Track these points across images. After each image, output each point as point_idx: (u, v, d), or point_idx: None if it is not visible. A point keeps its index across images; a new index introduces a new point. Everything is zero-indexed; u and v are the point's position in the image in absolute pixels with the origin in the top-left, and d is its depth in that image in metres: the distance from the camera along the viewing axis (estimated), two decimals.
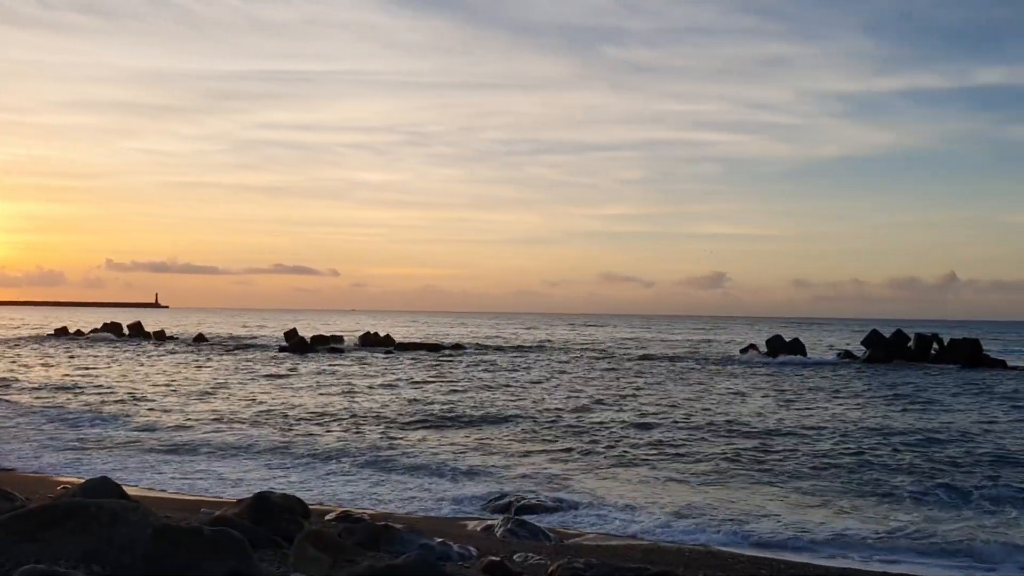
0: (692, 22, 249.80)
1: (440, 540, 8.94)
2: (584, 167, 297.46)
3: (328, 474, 15.97)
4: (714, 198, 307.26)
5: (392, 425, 22.06)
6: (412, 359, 47.93)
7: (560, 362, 48.52)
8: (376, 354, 52.34)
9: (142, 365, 41.93)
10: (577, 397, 29.39)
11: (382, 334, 63.31)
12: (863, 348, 50.13)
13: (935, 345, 47.82)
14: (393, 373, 38.57)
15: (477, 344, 66.00)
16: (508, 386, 32.99)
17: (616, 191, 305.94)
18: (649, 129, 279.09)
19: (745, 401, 28.85)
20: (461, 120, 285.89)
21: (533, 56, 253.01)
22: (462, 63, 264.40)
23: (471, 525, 12.04)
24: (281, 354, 51.85)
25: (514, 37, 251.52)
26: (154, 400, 26.89)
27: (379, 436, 20.32)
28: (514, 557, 9.11)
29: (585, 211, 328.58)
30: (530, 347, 63.90)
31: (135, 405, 25.55)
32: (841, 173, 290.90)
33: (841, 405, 27.83)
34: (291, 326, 67.93)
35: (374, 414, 24.14)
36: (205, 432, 20.66)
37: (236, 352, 53.30)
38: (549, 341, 74.25)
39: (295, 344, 55.63)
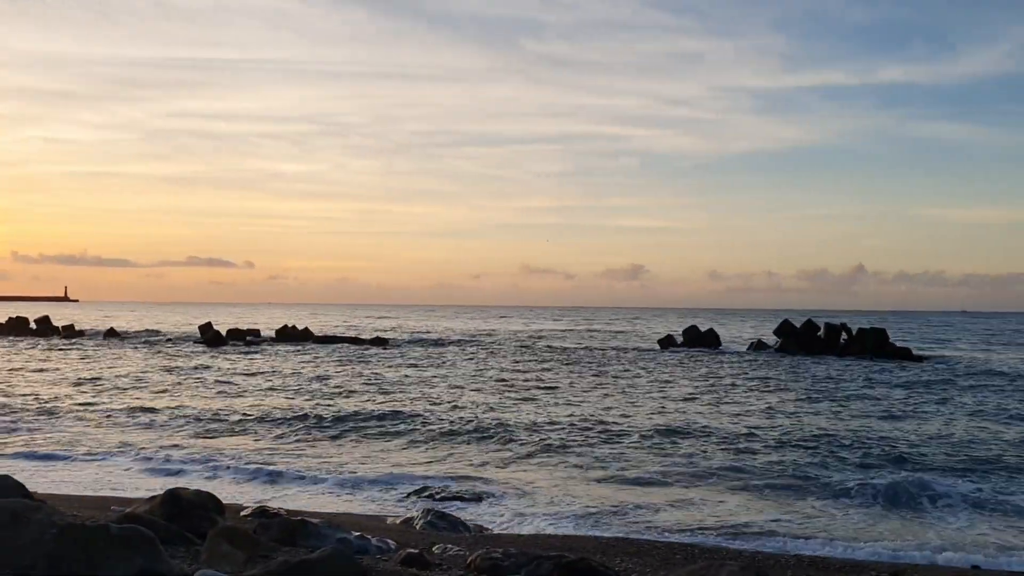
0: (609, 17, 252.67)
1: (358, 534, 8.86)
2: (504, 160, 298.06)
3: (241, 472, 15.68)
4: (632, 191, 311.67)
5: (309, 421, 21.78)
6: (330, 353, 47.35)
7: (480, 356, 48.56)
8: (293, 348, 51.57)
9: (49, 361, 40.48)
10: (498, 391, 29.47)
11: (300, 327, 62.40)
12: (775, 338, 51.46)
13: (844, 335, 49.35)
14: (310, 367, 38.06)
15: (397, 337, 65.62)
16: (427, 380, 32.86)
17: (535, 184, 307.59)
18: (568, 122, 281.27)
19: (664, 392, 29.33)
20: (379, 111, 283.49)
21: (452, 48, 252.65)
22: (380, 53, 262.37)
23: (391, 519, 11.99)
24: (196, 347, 50.70)
25: (433, 28, 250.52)
26: (59, 398, 25.99)
27: (296, 432, 20.04)
28: (433, 549, 9.09)
29: (505, 203, 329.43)
30: (451, 340, 63.80)
31: (37, 402, 24.65)
32: (754, 167, 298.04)
33: (754, 395, 28.53)
34: (206, 320, 66.41)
35: (292, 410, 23.81)
36: (114, 429, 20.08)
37: (149, 347, 51.88)
38: (470, 334, 74.24)
39: (210, 338, 54.46)
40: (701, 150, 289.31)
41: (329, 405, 24.53)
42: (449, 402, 25.65)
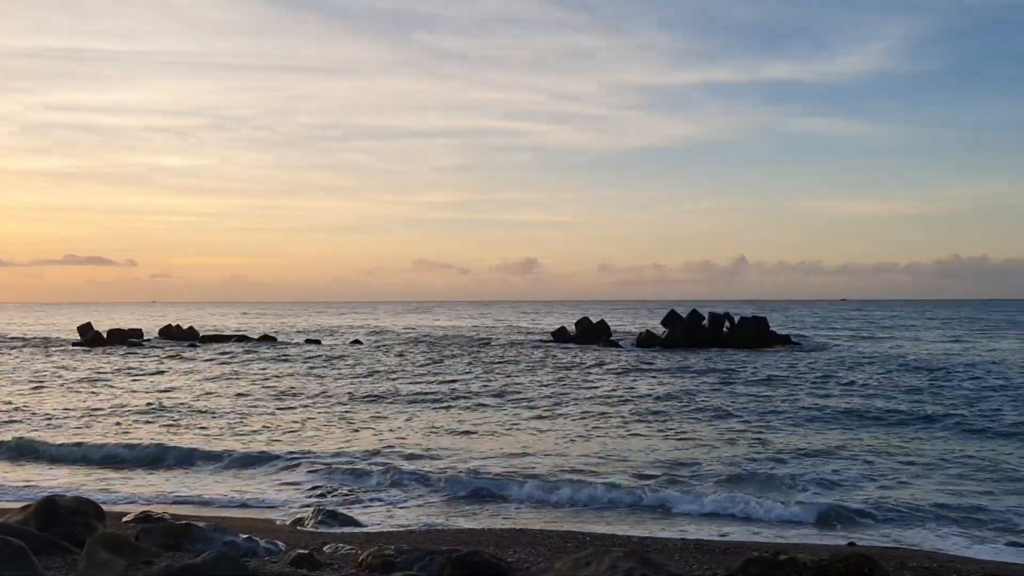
0: (504, 12, 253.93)
1: (246, 536, 8.70)
2: (399, 153, 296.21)
3: (127, 476, 15.17)
4: (526, 186, 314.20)
5: (201, 422, 21.22)
6: (216, 353, 46.08)
7: (373, 351, 48.15)
8: (177, 348, 50.02)
9: None
10: (391, 385, 29.29)
11: (184, 327, 60.53)
12: (663, 328, 52.70)
13: (727, 323, 50.95)
14: (190, 368, 37.01)
15: (286, 335, 64.42)
16: (317, 378, 32.38)
17: (431, 178, 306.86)
18: (463, 117, 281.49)
19: (560, 384, 29.69)
20: (270, 103, 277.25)
21: (345, 40, 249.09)
22: (270, 45, 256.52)
23: (280, 519, 11.81)
24: (74, 349, 48.60)
25: (325, 20, 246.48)
26: None
27: (180, 433, 19.49)
28: (324, 548, 9.00)
29: (400, 198, 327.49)
30: (342, 335, 63.00)
31: None
32: (643, 162, 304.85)
33: (634, 380, 29.20)
34: (85, 320, 63.67)
35: (177, 409, 23.13)
36: None
37: (23, 349, 49.44)
38: (362, 329, 73.46)
39: (90, 339, 52.29)
40: (593, 145, 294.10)
41: (214, 402, 23.93)
42: (342, 397, 25.34)
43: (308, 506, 12.38)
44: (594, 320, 54.95)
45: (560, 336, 54.09)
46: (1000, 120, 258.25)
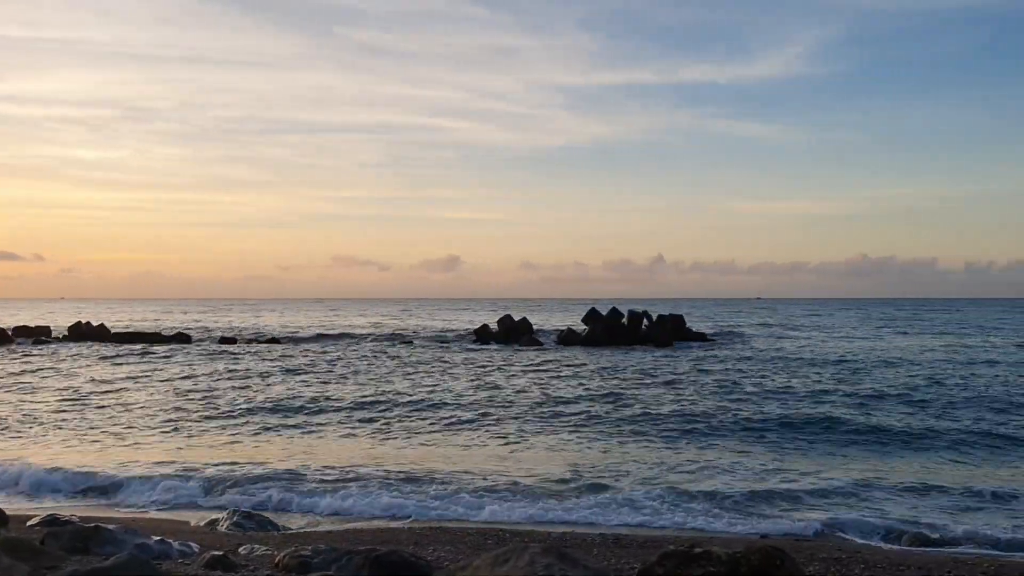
0: (428, 9, 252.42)
1: (158, 538, 8.49)
2: (319, 148, 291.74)
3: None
4: (449, 183, 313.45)
5: (114, 423, 20.61)
6: (127, 351, 44.80)
7: (286, 349, 47.46)
8: (86, 346, 48.47)
9: None
10: (304, 385, 28.92)
11: (95, 324, 58.67)
12: (583, 325, 53.23)
13: (645, 321, 51.80)
14: (101, 367, 35.93)
15: (200, 333, 63.01)
16: (231, 378, 31.76)
17: (352, 173, 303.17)
18: (385, 112, 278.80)
19: (483, 381, 29.71)
20: (185, 96, 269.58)
21: (264, 32, 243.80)
22: (187, 36, 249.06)
23: (195, 521, 11.56)
24: None
25: (244, 12, 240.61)
26: None
27: (92, 435, 18.92)
28: (239, 550, 8.84)
29: (320, 193, 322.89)
30: (257, 334, 61.91)
31: None
32: (565, 161, 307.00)
33: (554, 378, 29.44)
34: None
35: (89, 411, 22.44)
36: None
37: None
38: (278, 328, 72.29)
39: None
40: (516, 143, 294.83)
41: (124, 400, 23.28)
42: (255, 398, 24.91)
43: (223, 504, 12.16)
44: (516, 318, 55.15)
45: (482, 334, 54.12)
46: (906, 124, 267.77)
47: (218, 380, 30.07)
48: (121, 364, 36.62)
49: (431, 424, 20.09)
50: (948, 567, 8.52)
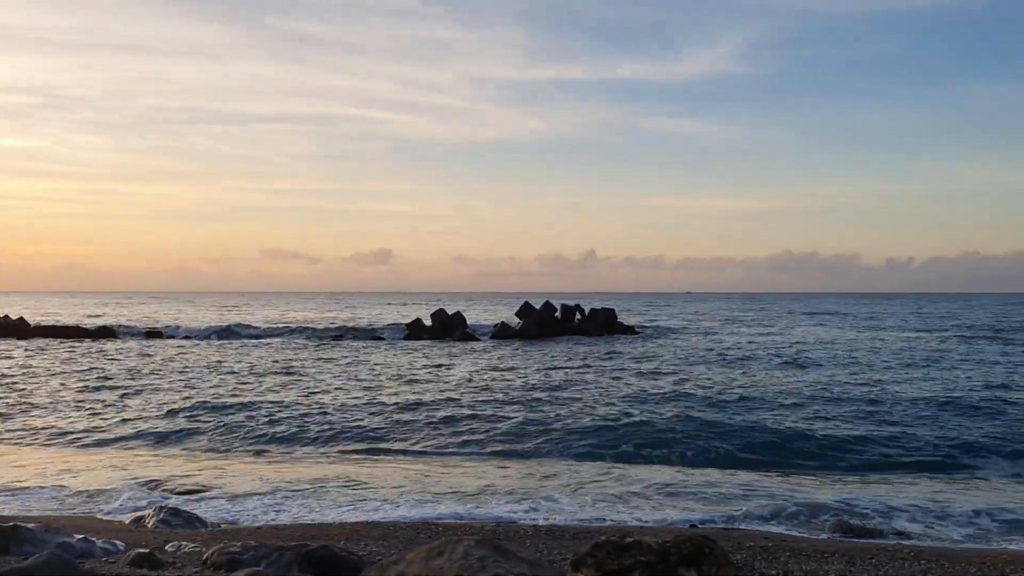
0: (360, 0, 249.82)
1: (81, 536, 8.25)
2: (248, 139, 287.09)
3: None
4: (381, 175, 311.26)
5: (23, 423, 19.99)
6: (44, 347, 43.49)
7: (212, 346, 46.65)
8: (6, 342, 46.93)
9: None
10: (222, 383, 28.47)
11: (14, 317, 56.79)
12: (517, 319, 53.41)
13: (578, 315, 52.24)
14: (22, 363, 34.85)
15: (126, 327, 61.49)
16: (154, 374, 31.09)
17: (283, 165, 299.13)
18: (317, 103, 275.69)
19: (401, 376, 29.58)
20: (111, 84, 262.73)
21: (194, 21, 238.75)
22: (112, 23, 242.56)
23: (119, 518, 11.28)
24: None
25: (171, 0, 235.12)
26: None
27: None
28: (166, 547, 8.65)
29: (249, 184, 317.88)
30: (182, 328, 60.66)
31: None
32: (498, 156, 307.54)
33: (493, 370, 29.50)
34: None
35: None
36: None
37: None
38: (204, 323, 70.93)
39: None
40: (449, 137, 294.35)
41: (38, 399, 22.60)
42: (179, 397, 24.43)
43: (148, 502, 11.89)
44: (450, 312, 55.03)
45: (415, 328, 53.87)
46: (829, 123, 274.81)
47: (186, 375, 29.41)
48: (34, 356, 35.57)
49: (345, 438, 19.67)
50: (871, 554, 8.76)
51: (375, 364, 33.20)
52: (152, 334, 53.62)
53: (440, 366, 32.40)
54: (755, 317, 77.70)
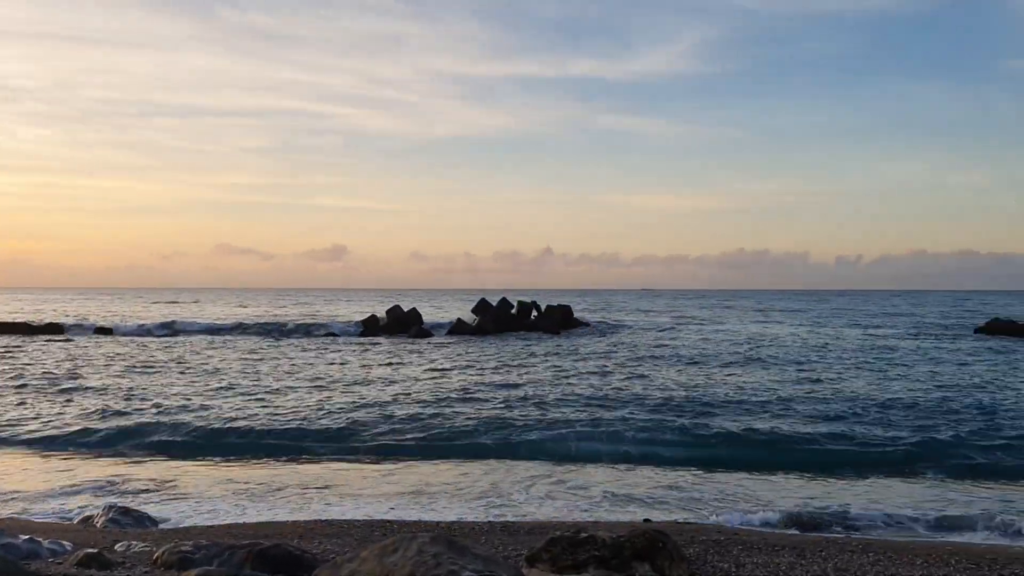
0: None
1: (27, 537, 8.09)
2: (200, 133, 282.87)
3: None
4: (336, 170, 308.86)
5: None
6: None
7: (166, 343, 45.98)
8: None
9: None
10: (171, 383, 28.08)
11: None
12: (474, 316, 53.39)
13: (534, 311, 52.37)
14: None
15: (75, 323, 60.32)
16: (101, 371, 30.55)
17: (235, 159, 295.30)
18: (270, 97, 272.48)
19: (355, 374, 29.41)
20: (59, 76, 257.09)
21: (145, 12, 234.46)
22: (61, 14, 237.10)
23: (67, 518, 11.08)
24: None
25: None
26: None
27: None
28: (115, 547, 8.51)
29: (202, 179, 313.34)
30: (132, 325, 59.69)
31: None
32: (454, 151, 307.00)
33: (452, 370, 29.45)
34: None
35: None
36: None
37: None
38: (154, 319, 69.84)
39: None
40: (404, 132, 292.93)
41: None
42: (128, 397, 24.04)
43: (98, 502, 11.69)
44: (406, 309, 54.80)
45: (370, 325, 53.57)
46: (782, 122, 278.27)
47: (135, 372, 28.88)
48: None
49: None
50: (820, 547, 8.91)
51: (329, 362, 32.96)
52: (101, 330, 52.68)
53: (395, 363, 32.26)
54: (709, 315, 78.44)
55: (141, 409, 20.71)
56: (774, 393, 23.68)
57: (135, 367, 30.56)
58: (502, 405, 21.27)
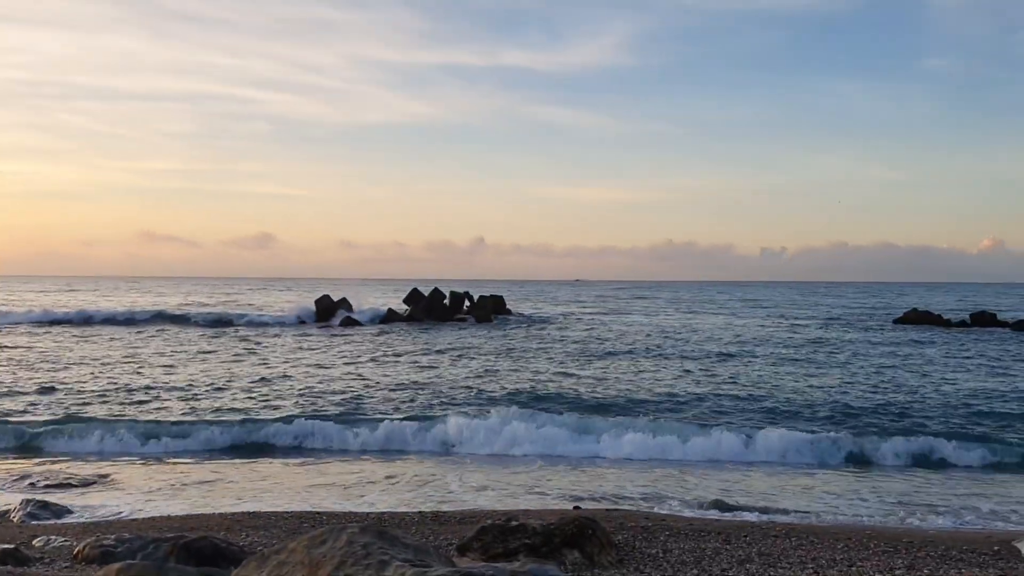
0: None
1: None
2: (122, 117, 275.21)
3: None
4: (263, 157, 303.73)
5: None
6: None
7: (79, 334, 44.77)
8: None
9: None
10: (89, 375, 27.39)
11: None
12: (405, 306, 53.10)
13: (467, 301, 52.33)
14: None
15: None
16: (20, 363, 29.61)
17: (158, 144, 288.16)
18: (196, 81, 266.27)
19: (279, 365, 29.05)
20: None
21: None
22: None
23: None
24: None
25: None
26: None
27: None
28: (33, 543, 8.27)
29: (123, 164, 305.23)
30: (48, 314, 57.93)
31: None
32: (385, 139, 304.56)
33: (377, 361, 29.28)
34: None
35: None
36: None
37: None
38: (70, 309, 67.88)
39: None
40: (333, 119, 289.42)
41: None
42: (43, 386, 23.34)
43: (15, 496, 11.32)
44: (335, 298, 54.24)
45: (298, 314, 52.89)
46: (711, 117, 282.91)
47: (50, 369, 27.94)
48: None
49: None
50: (745, 531, 9.11)
51: (253, 352, 32.42)
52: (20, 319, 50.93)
53: (324, 353, 31.92)
54: (639, 306, 79.46)
55: (61, 402, 20.12)
56: (698, 383, 24.10)
57: (54, 359, 29.63)
58: (430, 396, 21.23)
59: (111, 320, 48.59)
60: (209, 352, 32.09)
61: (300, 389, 22.03)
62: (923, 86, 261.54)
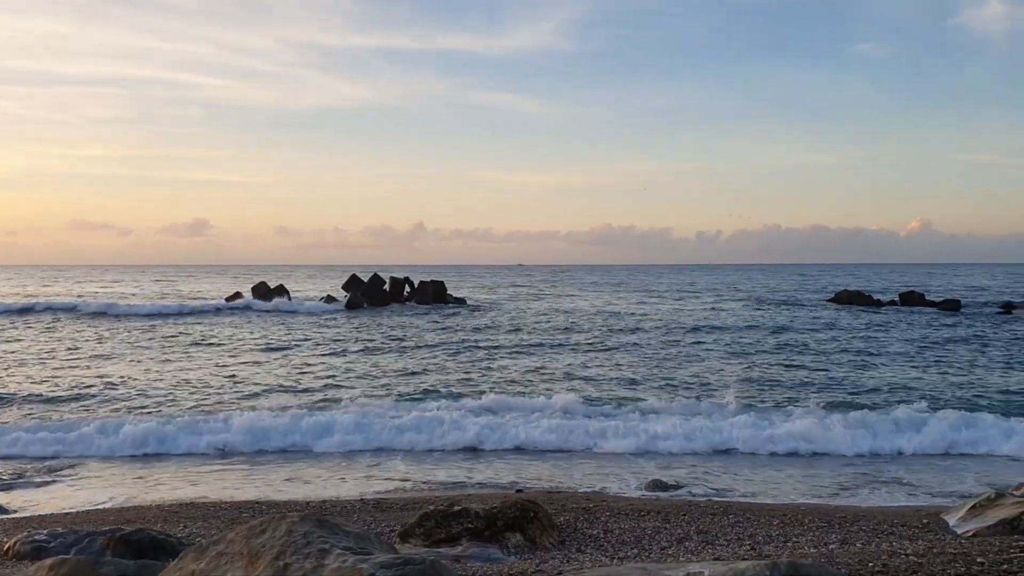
0: None
1: None
2: (52, 101, 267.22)
3: None
4: (197, 142, 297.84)
5: None
6: None
7: (13, 324, 43.55)
8: None
9: None
10: (28, 369, 26.71)
11: None
12: (344, 292, 52.68)
13: (407, 287, 52.07)
14: None
15: None
16: None
17: (88, 129, 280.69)
18: (125, 65, 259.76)
19: (213, 354, 28.65)
20: None
21: None
22: None
23: None
24: None
25: None
26: None
27: None
28: None
29: (53, 150, 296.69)
30: None
31: None
32: (322, 124, 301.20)
33: (318, 349, 29.03)
34: None
35: None
36: None
37: None
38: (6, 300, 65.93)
39: None
40: (269, 103, 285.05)
41: None
42: None
43: None
44: (272, 284, 53.56)
45: (235, 302, 52.12)
46: (647, 102, 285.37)
47: None
48: None
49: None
50: (684, 510, 9.26)
51: (187, 342, 31.84)
52: None
53: (260, 341, 31.52)
54: (577, 291, 79.98)
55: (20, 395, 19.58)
56: (633, 365, 24.39)
57: None
58: (370, 382, 21.15)
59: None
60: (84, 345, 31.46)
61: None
62: (855, 71, 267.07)
